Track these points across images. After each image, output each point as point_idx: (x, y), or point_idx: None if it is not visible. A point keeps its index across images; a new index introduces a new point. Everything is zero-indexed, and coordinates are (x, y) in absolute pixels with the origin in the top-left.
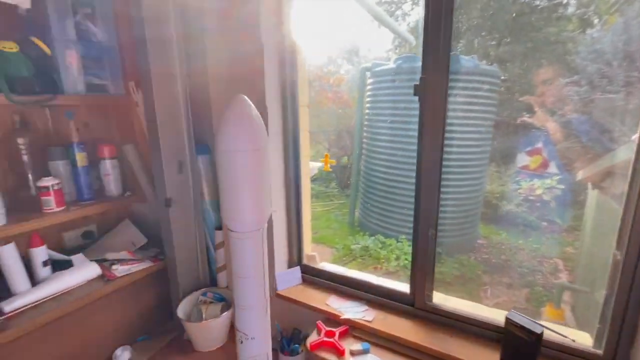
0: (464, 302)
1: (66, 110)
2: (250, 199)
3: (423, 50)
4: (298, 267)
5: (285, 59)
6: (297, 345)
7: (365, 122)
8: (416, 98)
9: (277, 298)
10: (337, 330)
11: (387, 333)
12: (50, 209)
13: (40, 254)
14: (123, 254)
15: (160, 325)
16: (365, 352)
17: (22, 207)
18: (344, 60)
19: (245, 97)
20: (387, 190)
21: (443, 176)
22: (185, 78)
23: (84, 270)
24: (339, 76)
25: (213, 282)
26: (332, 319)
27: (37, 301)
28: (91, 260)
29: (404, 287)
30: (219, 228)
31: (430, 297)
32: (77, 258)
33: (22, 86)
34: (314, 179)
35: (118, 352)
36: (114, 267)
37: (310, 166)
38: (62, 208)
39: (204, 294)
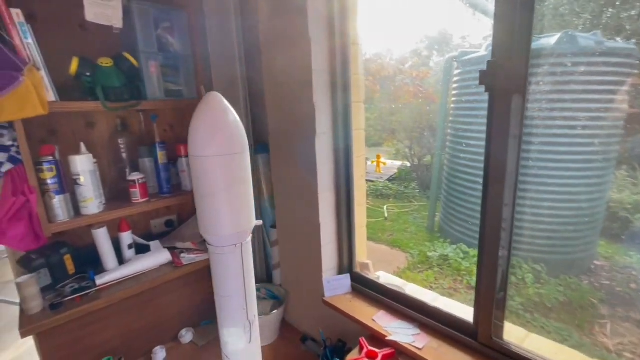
0: (548, 344)
1: (152, 114)
2: (226, 211)
3: (494, 26)
4: (348, 275)
5: (336, 53)
6: (337, 359)
7: (450, 118)
8: None
9: (324, 305)
10: (381, 353)
11: None
12: (137, 200)
13: (127, 238)
14: (188, 244)
15: None
16: None
17: (120, 197)
18: (433, 51)
19: (218, 95)
20: (472, 194)
21: (540, 180)
22: (245, 81)
23: (158, 256)
24: (424, 69)
25: (269, 279)
26: (378, 338)
27: (121, 278)
28: (164, 247)
29: (467, 314)
30: (275, 226)
31: (499, 332)
32: (154, 244)
33: (114, 95)
34: (393, 179)
35: (183, 332)
36: (182, 255)
37: (389, 165)
38: (146, 199)
39: (258, 289)
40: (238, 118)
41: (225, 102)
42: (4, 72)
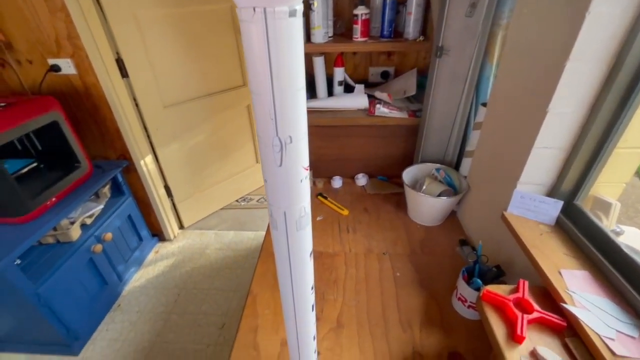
0: None
1: None
2: None
3: None
4: (559, 203)
5: None
6: (479, 281)
7: None
8: None
9: (501, 221)
10: (538, 313)
11: None
12: (356, 38)
13: (339, 74)
14: (384, 96)
15: (397, 176)
16: None
17: (346, 34)
18: None
19: None
20: None
21: None
22: None
23: (358, 99)
24: None
25: (457, 165)
26: (549, 296)
27: (324, 108)
28: (365, 94)
29: None
30: (486, 104)
31: None
32: (358, 87)
33: None
34: None
35: (360, 175)
36: (377, 105)
37: None
38: (365, 39)
39: (438, 170)
40: None
41: None
42: None
